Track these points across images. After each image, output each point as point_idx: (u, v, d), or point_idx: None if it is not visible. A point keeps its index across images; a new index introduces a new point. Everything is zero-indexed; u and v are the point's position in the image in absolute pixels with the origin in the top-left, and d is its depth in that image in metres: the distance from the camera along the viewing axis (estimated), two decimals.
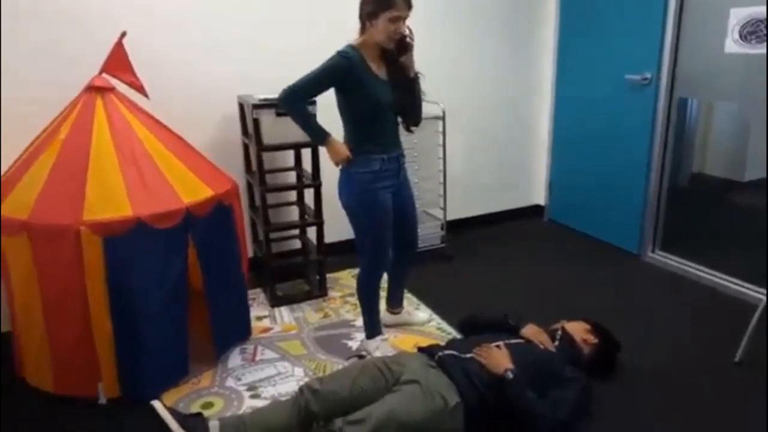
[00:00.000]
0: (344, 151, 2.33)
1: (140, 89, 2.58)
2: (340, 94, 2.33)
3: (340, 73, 2.23)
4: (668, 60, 3.32)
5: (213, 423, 1.92)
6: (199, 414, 1.98)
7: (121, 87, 2.53)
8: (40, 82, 2.77)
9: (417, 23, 2.37)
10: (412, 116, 2.51)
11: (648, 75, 3.41)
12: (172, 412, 1.94)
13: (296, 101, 2.29)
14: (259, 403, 2.27)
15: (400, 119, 2.49)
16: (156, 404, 1.94)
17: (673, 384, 2.41)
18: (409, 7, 2.22)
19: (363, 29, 2.30)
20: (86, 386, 2.29)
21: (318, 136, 2.35)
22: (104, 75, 2.47)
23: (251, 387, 2.42)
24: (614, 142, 3.73)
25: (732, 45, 2.99)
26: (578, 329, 2.43)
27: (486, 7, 3.89)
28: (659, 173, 3.52)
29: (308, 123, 2.35)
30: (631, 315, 2.98)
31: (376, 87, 2.32)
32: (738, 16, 2.93)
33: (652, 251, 3.65)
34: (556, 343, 2.34)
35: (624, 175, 3.69)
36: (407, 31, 2.28)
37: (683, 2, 3.22)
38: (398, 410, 1.90)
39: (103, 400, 2.30)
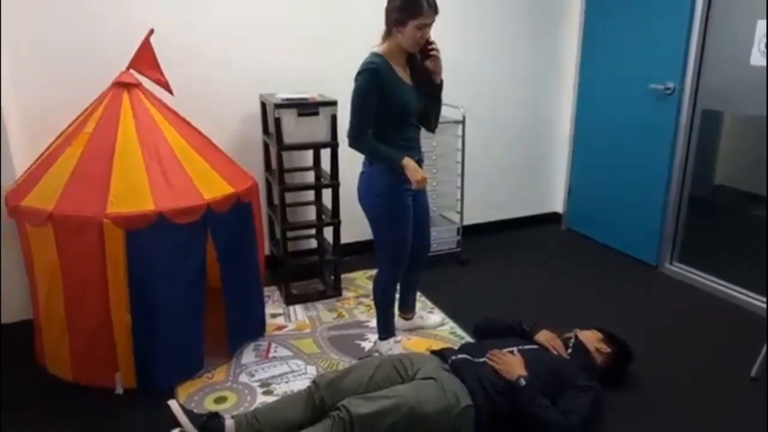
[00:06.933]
0: (421, 171, 2.36)
1: (165, 86, 2.63)
2: None
3: (375, 85, 2.25)
4: (692, 70, 3.29)
5: (228, 422, 1.94)
6: (216, 414, 2.00)
7: (147, 83, 2.58)
8: (69, 76, 2.84)
9: (439, 29, 2.38)
10: (434, 120, 2.54)
11: (671, 85, 3.38)
12: (188, 413, 1.95)
13: (363, 141, 2.31)
14: (271, 400, 2.28)
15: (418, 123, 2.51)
16: (172, 404, 1.96)
17: (687, 397, 2.39)
18: (436, 12, 2.24)
19: (388, 34, 2.32)
20: (103, 376, 2.34)
21: (394, 163, 2.33)
22: (131, 71, 2.53)
23: (264, 383, 2.45)
24: (635, 152, 3.70)
25: (758, 57, 2.95)
26: (592, 338, 2.42)
27: (508, 14, 3.88)
28: (680, 184, 3.49)
29: (380, 155, 2.35)
30: (646, 326, 2.95)
31: (403, 92, 2.34)
32: (765, 28, 2.90)
33: (670, 263, 3.61)
34: (569, 350, 2.34)
35: (644, 186, 3.66)
36: (432, 36, 2.30)
37: (709, 13, 3.20)
38: (410, 398, 1.93)
39: (119, 390, 2.34)
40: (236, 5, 3.13)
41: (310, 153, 3.41)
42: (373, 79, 2.24)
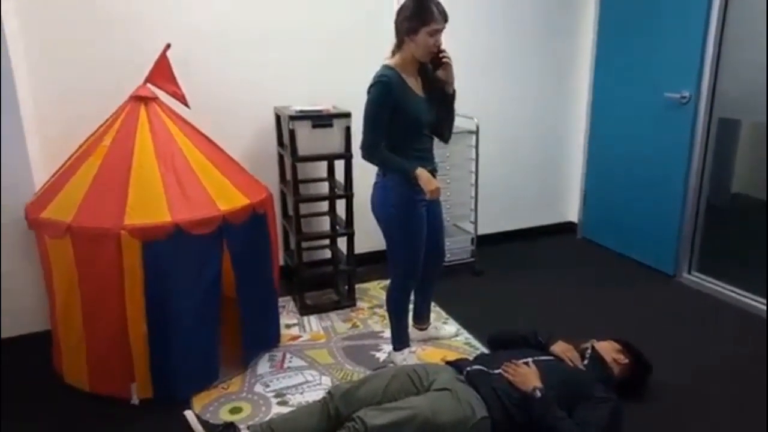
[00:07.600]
0: (435, 181, 2.37)
1: (182, 99, 2.67)
2: None
3: (387, 98, 2.27)
4: (708, 79, 3.26)
5: None
6: (231, 424, 2.00)
7: (164, 97, 2.62)
8: (87, 90, 2.90)
9: (451, 36, 2.40)
10: (447, 131, 2.55)
11: (687, 93, 3.36)
12: (204, 423, 1.96)
13: (375, 153, 2.33)
14: (286, 411, 2.29)
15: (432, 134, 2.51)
16: (188, 414, 1.97)
17: (706, 409, 2.35)
18: (446, 19, 2.25)
19: (399, 46, 2.33)
20: (120, 386, 2.36)
21: (407, 174, 2.34)
22: (148, 85, 2.57)
23: (279, 394, 2.45)
24: (651, 161, 3.67)
25: None
26: (608, 349, 2.39)
27: (522, 19, 3.89)
28: (697, 193, 3.45)
29: (393, 167, 2.36)
30: (664, 337, 2.91)
31: (416, 104, 2.35)
32: None
33: (688, 272, 3.57)
34: (586, 361, 2.32)
35: (660, 195, 3.63)
36: (443, 45, 2.31)
37: (725, 20, 3.17)
38: (425, 409, 1.92)
39: (135, 401, 2.36)
40: (252, 19, 3.17)
41: (324, 164, 3.43)
42: (384, 92, 2.26)
